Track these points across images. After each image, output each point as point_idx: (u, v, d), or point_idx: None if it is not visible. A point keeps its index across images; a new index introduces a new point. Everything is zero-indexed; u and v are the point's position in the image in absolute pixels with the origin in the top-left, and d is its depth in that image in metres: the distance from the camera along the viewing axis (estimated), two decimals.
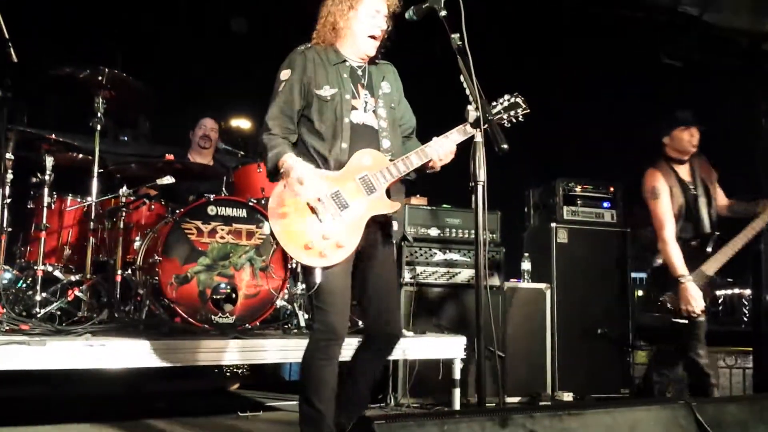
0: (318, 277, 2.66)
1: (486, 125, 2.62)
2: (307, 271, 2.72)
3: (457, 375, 4.36)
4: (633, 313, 5.55)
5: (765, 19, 5.39)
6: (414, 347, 4.20)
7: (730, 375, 6.00)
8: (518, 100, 2.97)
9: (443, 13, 2.72)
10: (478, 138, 2.61)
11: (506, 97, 2.96)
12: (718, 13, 5.26)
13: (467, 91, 2.65)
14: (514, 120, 2.96)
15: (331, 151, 2.76)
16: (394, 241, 2.94)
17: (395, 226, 2.89)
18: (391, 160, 2.80)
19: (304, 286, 2.87)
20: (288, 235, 2.66)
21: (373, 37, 2.85)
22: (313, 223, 2.66)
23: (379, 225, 2.82)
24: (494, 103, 2.92)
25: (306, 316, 4.46)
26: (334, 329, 2.70)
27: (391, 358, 3.70)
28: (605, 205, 5.60)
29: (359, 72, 2.91)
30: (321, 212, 2.67)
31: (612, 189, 5.63)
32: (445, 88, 3.04)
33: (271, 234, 2.70)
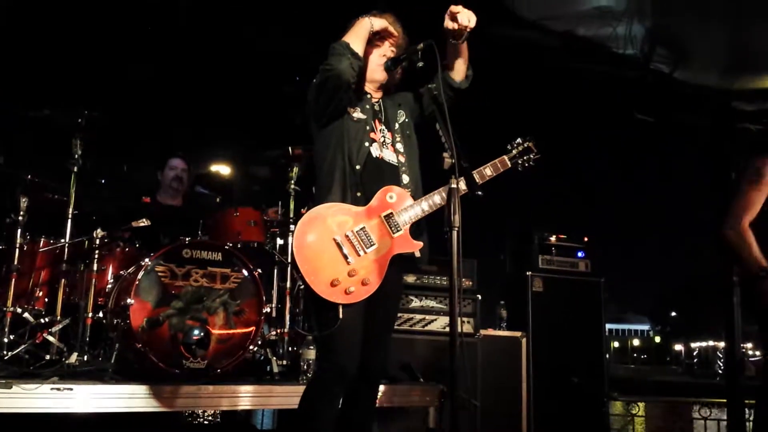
0: (340, 314, 2.63)
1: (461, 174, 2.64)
2: (326, 307, 2.65)
3: (432, 423, 4.31)
4: (608, 362, 5.57)
5: (734, 77, 5.56)
6: (389, 395, 4.15)
7: (705, 426, 6.01)
8: (530, 144, 3.03)
9: (420, 64, 2.79)
10: (453, 184, 2.64)
11: (518, 140, 3.03)
12: (688, 71, 5.42)
13: (442, 139, 2.69)
14: (526, 165, 3.02)
15: (353, 169, 2.78)
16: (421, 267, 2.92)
17: (418, 254, 2.85)
18: (412, 196, 2.84)
19: (315, 322, 2.82)
20: (313, 270, 2.64)
21: (382, 65, 2.93)
22: (338, 259, 2.66)
23: (396, 263, 2.80)
24: (509, 147, 3.01)
25: (279, 363, 4.41)
26: (343, 371, 2.68)
27: None
28: (579, 254, 5.65)
29: (376, 107, 2.97)
30: (347, 249, 2.67)
31: (586, 239, 5.70)
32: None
33: (294, 268, 2.66)
